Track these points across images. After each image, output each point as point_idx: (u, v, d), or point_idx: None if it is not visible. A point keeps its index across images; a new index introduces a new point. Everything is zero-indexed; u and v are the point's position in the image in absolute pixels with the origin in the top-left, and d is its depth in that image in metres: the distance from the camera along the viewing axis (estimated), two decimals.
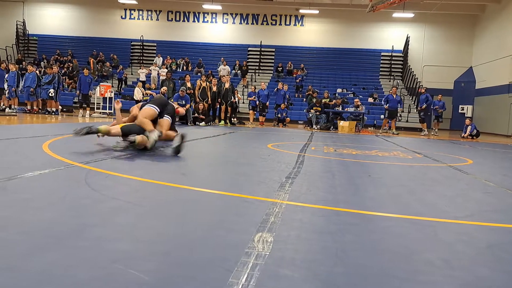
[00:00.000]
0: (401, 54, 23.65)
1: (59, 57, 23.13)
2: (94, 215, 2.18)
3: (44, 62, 21.92)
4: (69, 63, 22.27)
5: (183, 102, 12.71)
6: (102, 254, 1.61)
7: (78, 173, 3.33)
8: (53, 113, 13.98)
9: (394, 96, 14.93)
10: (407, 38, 23.17)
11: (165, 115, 5.16)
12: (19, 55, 23.79)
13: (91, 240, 1.78)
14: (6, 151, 4.52)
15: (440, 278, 1.61)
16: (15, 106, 14.64)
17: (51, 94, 13.90)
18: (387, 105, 14.76)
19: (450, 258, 1.84)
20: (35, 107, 14.35)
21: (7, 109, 14.42)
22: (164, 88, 13.68)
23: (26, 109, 14.51)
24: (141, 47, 24.59)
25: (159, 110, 5.05)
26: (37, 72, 14.75)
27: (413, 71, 22.06)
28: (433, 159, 6.31)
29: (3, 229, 1.84)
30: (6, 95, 14.53)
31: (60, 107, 15.03)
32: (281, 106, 15.86)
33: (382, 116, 16.56)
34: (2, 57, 22.96)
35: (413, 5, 21.06)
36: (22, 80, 14.34)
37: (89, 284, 1.36)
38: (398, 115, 15.67)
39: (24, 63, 20.30)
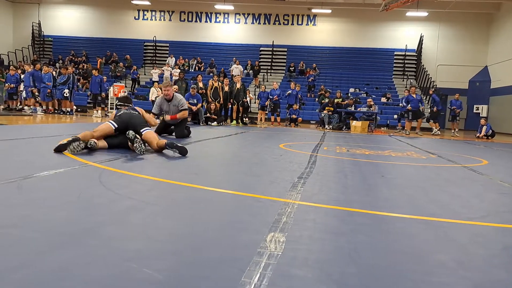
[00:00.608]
0: (414, 54, 23.41)
1: (73, 58, 23.43)
2: (108, 213, 2.21)
3: (59, 63, 22.23)
4: (83, 64, 22.56)
5: (195, 101, 12.75)
6: (116, 253, 1.63)
7: (92, 172, 3.37)
8: (67, 113, 14.17)
9: (414, 96, 14.50)
10: (421, 37, 22.93)
11: (146, 129, 4.83)
12: (35, 56, 24.16)
13: (105, 238, 1.80)
14: (22, 151, 4.60)
15: (454, 279, 1.60)
16: (31, 106, 14.89)
17: (66, 94, 14.10)
18: (409, 105, 14.42)
19: (464, 260, 1.82)
20: (50, 107, 14.58)
21: (26, 107, 14.69)
22: (175, 87, 13.79)
23: (42, 109, 14.73)
24: (154, 47, 24.78)
25: (116, 126, 4.78)
26: (53, 72, 14.97)
27: (427, 71, 21.83)
28: (447, 160, 6.24)
29: (19, 227, 1.87)
30: (24, 95, 14.80)
31: (74, 107, 15.23)
32: (293, 106, 15.83)
33: (395, 116, 16.42)
34: (18, 58, 23.39)
35: (427, 3, 20.85)
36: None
37: (103, 282, 1.38)
38: (424, 113, 15.07)
39: (39, 63, 20.61)
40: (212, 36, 24.92)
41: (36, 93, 13.94)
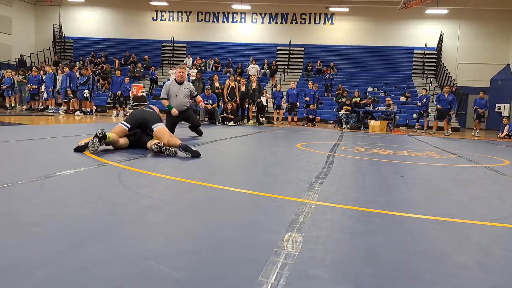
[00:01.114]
0: (434, 52, 23.02)
1: (93, 59, 23.82)
2: (127, 213, 2.24)
3: (79, 63, 22.63)
4: (102, 64, 22.91)
5: (210, 101, 12.82)
6: (135, 251, 1.66)
7: (111, 171, 3.42)
8: (87, 113, 14.42)
9: (446, 96, 14.16)
10: (441, 35, 22.54)
11: (157, 124, 4.80)
12: (56, 57, 24.65)
13: (124, 237, 1.83)
14: (44, 150, 4.71)
15: (475, 281, 1.57)
16: (52, 107, 15.21)
17: (86, 94, 14.33)
18: (439, 104, 14.13)
19: (485, 261, 1.78)
20: (71, 108, 14.86)
21: (50, 107, 15.01)
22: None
23: (63, 110, 15.02)
24: (172, 48, 24.99)
25: (129, 126, 4.80)
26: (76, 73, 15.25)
27: (447, 69, 21.45)
28: (468, 160, 6.12)
29: (41, 226, 1.91)
30: (45, 95, 15.13)
31: (94, 107, 15.49)
32: (310, 106, 15.76)
33: (414, 116, 16.16)
34: (40, 59, 23.90)
35: (447, 1, 20.50)
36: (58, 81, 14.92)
37: (123, 280, 1.40)
38: (451, 115, 14.59)
39: (60, 65, 21.02)
40: (229, 36, 25.00)
41: (71, 95, 14.26)
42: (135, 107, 5.29)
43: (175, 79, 7.42)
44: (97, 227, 1.94)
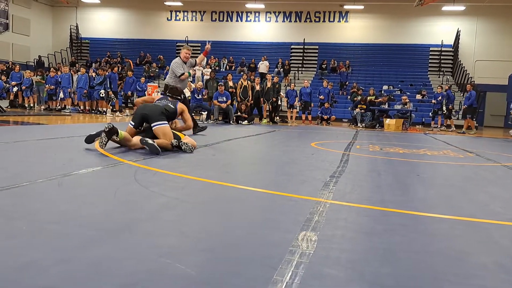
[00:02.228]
0: (451, 49, 22.66)
1: (109, 59, 24.10)
2: (143, 210, 2.25)
3: (95, 64, 22.92)
4: (118, 65, 23.16)
5: (224, 99, 12.88)
6: (151, 248, 1.67)
7: (127, 170, 3.46)
8: (104, 113, 14.59)
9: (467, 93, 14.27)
10: (458, 32, 22.18)
11: (158, 123, 4.63)
12: (73, 58, 25.01)
13: (140, 234, 1.84)
14: (62, 149, 4.78)
15: (495, 282, 1.53)
16: (69, 106, 15.44)
17: (102, 94, 14.51)
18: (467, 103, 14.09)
19: (505, 262, 1.74)
20: (87, 107, 15.08)
21: (67, 107, 15.26)
22: (200, 83, 14.14)
23: (79, 109, 15.25)
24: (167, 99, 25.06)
25: (133, 124, 4.78)
26: (89, 74, 15.46)
27: (464, 67, 21.10)
28: (486, 158, 6.01)
29: (60, 223, 1.94)
30: (61, 95, 15.37)
31: (110, 107, 15.67)
32: (325, 105, 15.67)
33: (430, 114, 15.94)
34: (58, 60, 24.29)
35: None
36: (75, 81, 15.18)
37: (139, 277, 1.41)
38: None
39: (77, 65, 21.32)
40: (243, 35, 25.01)
41: (112, 95, 14.53)
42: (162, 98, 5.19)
43: (182, 60, 7.42)
44: (113, 225, 1.96)
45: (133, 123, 4.77)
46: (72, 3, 25.24)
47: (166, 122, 4.71)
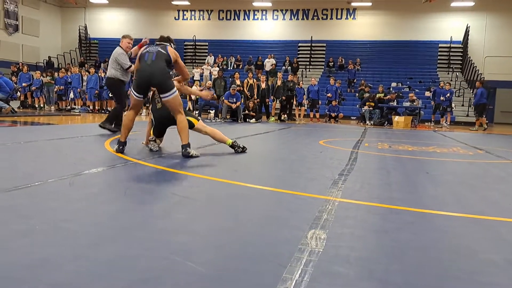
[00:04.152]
0: (460, 45, 22.42)
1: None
2: (153, 209, 2.28)
3: (104, 64, 23.06)
4: None
5: (234, 100, 12.93)
6: (162, 246, 1.69)
7: (137, 169, 3.49)
8: None
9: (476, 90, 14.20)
10: (467, 28, 21.93)
11: (168, 94, 4.20)
12: (82, 58, 25.20)
13: (152, 232, 1.87)
14: (73, 149, 4.84)
15: (505, 279, 1.53)
16: (79, 107, 15.58)
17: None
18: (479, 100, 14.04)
19: None
20: (97, 107, 15.21)
21: (77, 107, 15.40)
22: (209, 82, 14.22)
23: (89, 109, 15.37)
24: (194, 46, 25.18)
25: (136, 94, 4.26)
26: (99, 74, 15.58)
27: (473, 63, 20.87)
28: (496, 155, 5.96)
29: (72, 221, 1.98)
30: (71, 96, 15.51)
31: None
32: (332, 103, 15.61)
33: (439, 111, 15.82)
34: (67, 61, 24.49)
35: None
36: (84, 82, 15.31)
37: (151, 274, 1.43)
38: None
39: (86, 65, 21.49)
40: (250, 33, 24.99)
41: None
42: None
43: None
44: (125, 223, 1.99)
45: (136, 93, 4.24)
46: (80, 3, 25.41)
47: (175, 89, 4.28)
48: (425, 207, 2.61)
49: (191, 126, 4.58)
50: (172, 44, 4.56)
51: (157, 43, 4.48)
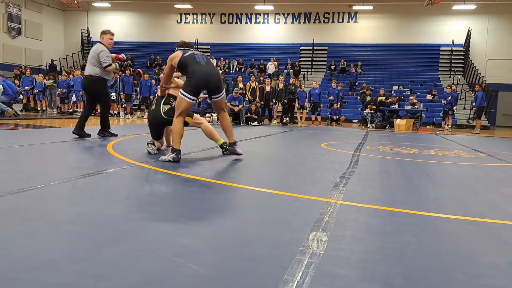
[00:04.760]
0: (462, 48, 22.44)
1: (120, 62, 24.31)
2: (156, 211, 2.30)
3: None
4: (129, 68, 23.37)
5: (236, 103, 12.97)
6: (164, 248, 1.71)
7: (139, 172, 3.51)
8: (115, 116, 14.74)
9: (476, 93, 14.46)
10: (469, 31, 21.95)
11: (219, 95, 4.37)
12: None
13: (154, 234, 1.88)
14: (75, 152, 4.86)
15: (506, 282, 1.54)
16: (81, 109, 15.62)
17: (113, 97, 14.67)
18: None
19: None
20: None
21: (79, 110, 15.43)
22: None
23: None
24: (196, 50, 25.26)
25: (191, 97, 4.14)
26: None
27: (475, 66, 20.87)
28: (498, 159, 5.96)
29: (75, 224, 1.99)
30: (74, 99, 15.56)
31: (123, 109, 15.84)
32: (334, 106, 15.63)
33: (441, 114, 15.81)
34: (69, 64, 24.58)
35: None
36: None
37: (154, 276, 1.45)
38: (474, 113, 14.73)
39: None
40: (252, 37, 25.07)
41: (123, 99, 14.75)
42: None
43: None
44: (128, 225, 2.00)
45: (191, 97, 4.12)
46: (83, 7, 25.53)
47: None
48: (426, 209, 2.62)
49: (186, 124, 4.63)
50: None
51: (186, 48, 4.48)
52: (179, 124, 4.14)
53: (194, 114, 4.79)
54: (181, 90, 4.15)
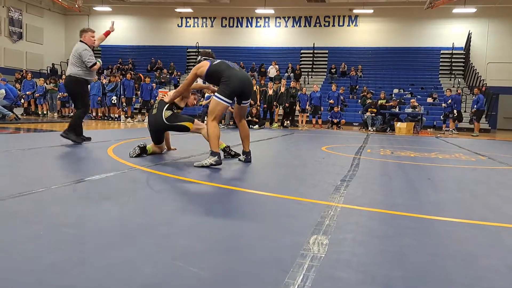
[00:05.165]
0: (462, 52, 22.46)
1: (121, 66, 24.38)
2: (156, 215, 2.30)
3: (107, 71, 23.20)
4: (130, 71, 23.44)
5: None
6: (165, 252, 1.71)
7: (140, 176, 3.51)
8: (115, 119, 14.76)
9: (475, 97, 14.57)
10: (469, 34, 21.98)
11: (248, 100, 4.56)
12: None
13: (155, 238, 1.88)
14: (75, 156, 4.86)
15: (506, 285, 1.54)
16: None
17: (114, 101, 14.70)
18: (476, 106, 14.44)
19: None
20: (99, 114, 15.28)
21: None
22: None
23: (92, 116, 15.45)
24: (197, 53, 25.31)
25: (229, 102, 4.27)
26: (101, 81, 15.67)
27: (475, 69, 20.89)
28: (498, 162, 5.96)
29: (77, 227, 1.99)
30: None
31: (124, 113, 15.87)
32: (335, 109, 15.64)
33: (442, 117, 15.82)
34: None
35: None
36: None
37: (154, 279, 1.45)
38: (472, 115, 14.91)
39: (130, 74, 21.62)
40: (253, 40, 25.13)
41: (124, 103, 14.75)
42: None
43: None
44: (128, 229, 2.00)
45: (229, 101, 4.25)
46: (84, 11, 25.62)
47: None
48: (427, 213, 2.62)
49: (187, 130, 4.67)
50: None
51: (210, 57, 4.57)
52: (215, 128, 4.21)
53: (195, 119, 4.80)
54: (216, 94, 4.20)
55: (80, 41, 5.95)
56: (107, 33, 6.53)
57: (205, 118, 13.71)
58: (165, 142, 5.15)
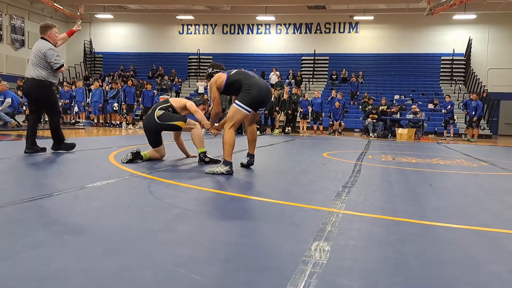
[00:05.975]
0: (463, 58, 22.50)
1: (122, 73, 24.48)
2: (158, 221, 2.30)
3: (108, 77, 23.28)
4: (131, 78, 23.52)
5: None
6: (167, 259, 1.70)
7: (141, 182, 3.51)
8: (117, 126, 14.79)
9: (473, 102, 14.59)
10: (470, 40, 22.04)
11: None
12: (86, 72, 25.46)
13: (156, 245, 1.88)
14: (77, 162, 4.87)
15: None
16: (83, 120, 15.69)
17: (115, 108, 14.74)
18: (466, 111, 14.55)
19: None
20: (101, 121, 15.31)
21: (81, 121, 15.49)
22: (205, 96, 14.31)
23: (93, 123, 15.48)
24: (198, 60, 25.40)
25: (249, 110, 4.21)
26: (103, 87, 15.73)
27: (476, 75, 20.92)
28: (500, 168, 5.95)
29: (79, 234, 1.99)
30: (76, 109, 15.65)
31: (125, 119, 15.91)
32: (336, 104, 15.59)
33: (442, 123, 15.82)
34: (72, 74, 24.74)
35: (475, 5, 20.02)
36: (89, 96, 15.47)
37: (156, 286, 1.45)
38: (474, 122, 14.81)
39: (90, 79, 21.68)
40: (254, 47, 25.22)
41: (124, 110, 14.78)
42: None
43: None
44: (130, 236, 2.00)
45: (250, 110, 4.19)
46: (86, 19, 25.74)
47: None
48: (429, 219, 2.61)
49: (179, 128, 4.74)
50: None
51: (221, 69, 4.61)
52: (232, 136, 4.17)
53: (188, 119, 4.83)
54: (237, 101, 4.15)
55: (42, 38, 5.27)
56: (70, 33, 5.90)
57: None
58: (182, 150, 5.19)
